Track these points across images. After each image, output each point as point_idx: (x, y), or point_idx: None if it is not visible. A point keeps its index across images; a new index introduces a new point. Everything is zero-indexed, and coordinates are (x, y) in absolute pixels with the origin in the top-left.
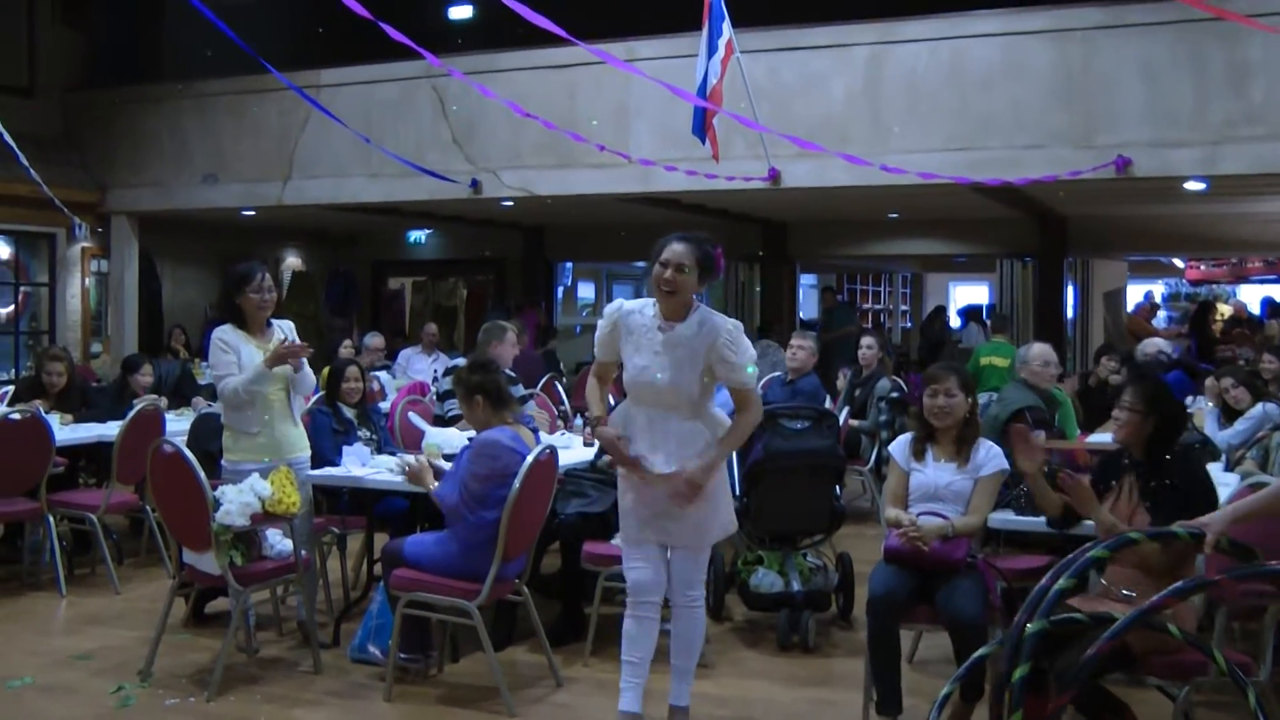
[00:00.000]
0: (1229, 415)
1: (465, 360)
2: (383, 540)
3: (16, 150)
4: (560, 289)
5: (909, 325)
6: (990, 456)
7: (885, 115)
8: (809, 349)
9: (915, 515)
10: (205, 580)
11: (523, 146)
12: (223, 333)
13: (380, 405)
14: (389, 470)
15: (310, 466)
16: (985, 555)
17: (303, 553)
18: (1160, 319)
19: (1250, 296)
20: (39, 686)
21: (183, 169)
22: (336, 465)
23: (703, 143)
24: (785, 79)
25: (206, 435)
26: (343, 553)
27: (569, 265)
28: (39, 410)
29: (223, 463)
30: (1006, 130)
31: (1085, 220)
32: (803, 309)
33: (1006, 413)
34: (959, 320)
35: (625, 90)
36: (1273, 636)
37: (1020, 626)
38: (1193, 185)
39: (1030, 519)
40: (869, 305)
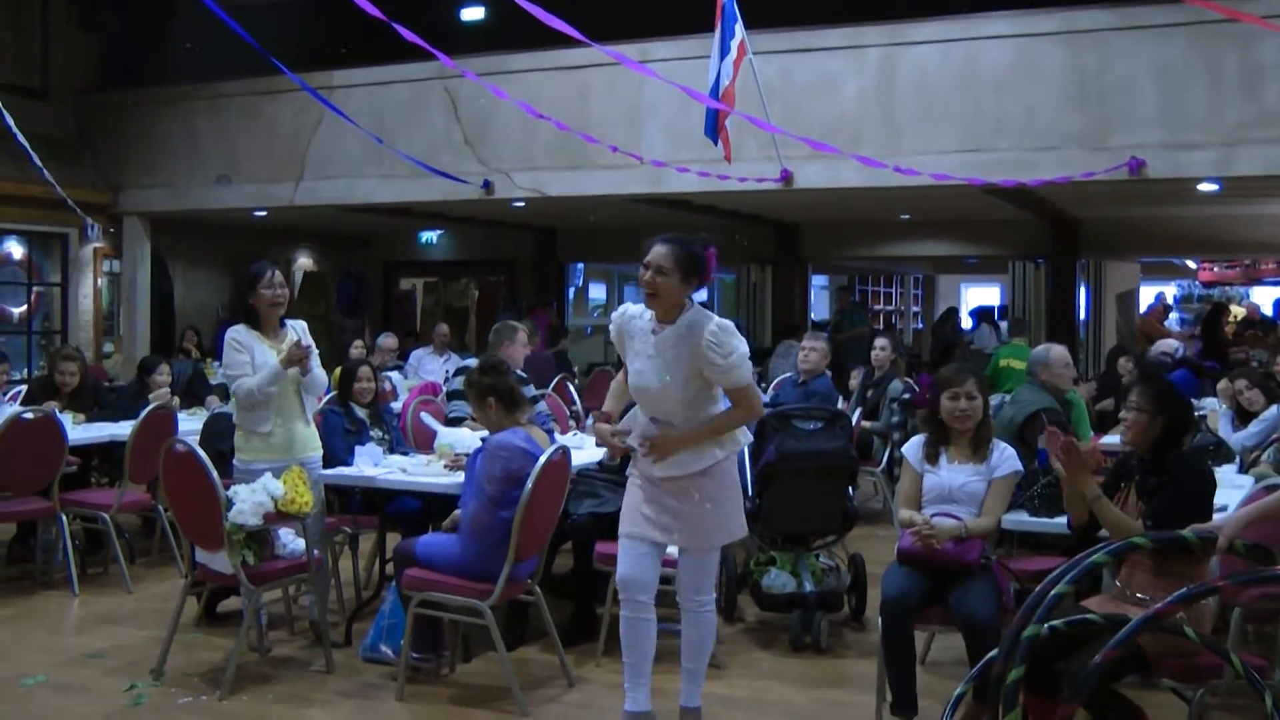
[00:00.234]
0: (1243, 417)
1: (477, 361)
2: (395, 540)
3: (30, 151)
4: (572, 290)
5: (920, 326)
6: (1004, 458)
7: (898, 117)
8: (821, 350)
9: (929, 516)
10: (218, 579)
11: (535, 148)
12: (236, 332)
13: (392, 405)
14: (401, 470)
15: (322, 466)
16: (999, 556)
17: (315, 552)
18: (1172, 320)
19: (1263, 298)
20: (52, 685)
21: (195, 170)
22: (349, 465)
23: (715, 144)
24: (798, 80)
25: (219, 435)
26: (355, 552)
27: (580, 266)
28: (52, 410)
29: (235, 462)
30: (1019, 132)
31: (1098, 222)
32: (814, 310)
33: (1023, 415)
34: (970, 321)
35: (638, 91)
36: None
37: (1017, 629)
38: (1206, 187)
39: (1044, 520)
40: (880, 306)
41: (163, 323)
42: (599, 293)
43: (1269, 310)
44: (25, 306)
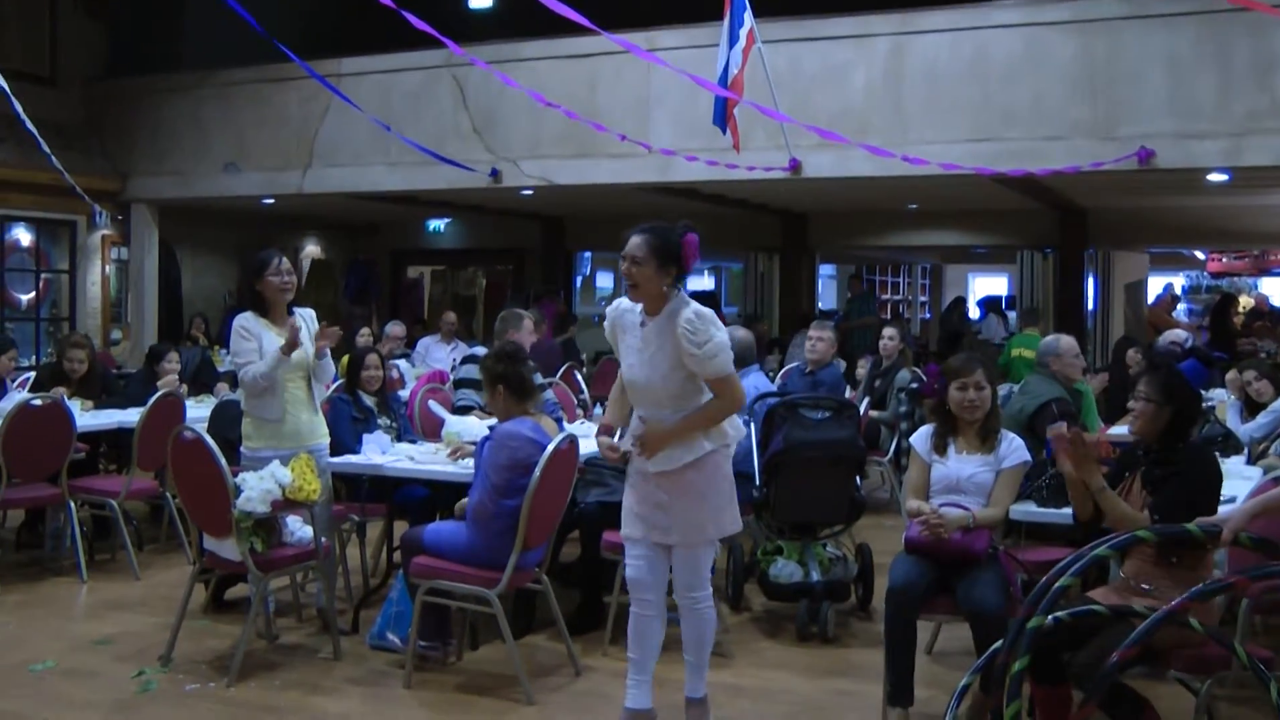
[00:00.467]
0: (1251, 408)
1: (483, 349)
2: (402, 528)
3: (39, 138)
4: (579, 278)
5: (928, 316)
6: (1012, 449)
7: (906, 106)
8: (828, 340)
9: (936, 507)
10: (225, 567)
11: (543, 136)
12: (244, 320)
13: (400, 393)
14: (409, 458)
15: (330, 454)
16: (1006, 547)
17: (323, 540)
18: (1181, 311)
19: (1272, 289)
20: (61, 670)
21: (203, 157)
22: (356, 453)
23: (723, 133)
24: (806, 69)
25: (227, 422)
26: (362, 540)
27: (588, 255)
28: (61, 397)
29: (242, 450)
30: (1028, 121)
31: (1106, 212)
32: (821, 299)
33: (1033, 405)
34: (978, 311)
35: (646, 80)
36: None
37: (1022, 620)
38: (1215, 177)
39: (1052, 511)
40: (888, 296)
41: (170, 310)
42: (606, 281)
43: (1278, 301)
44: (33, 293)
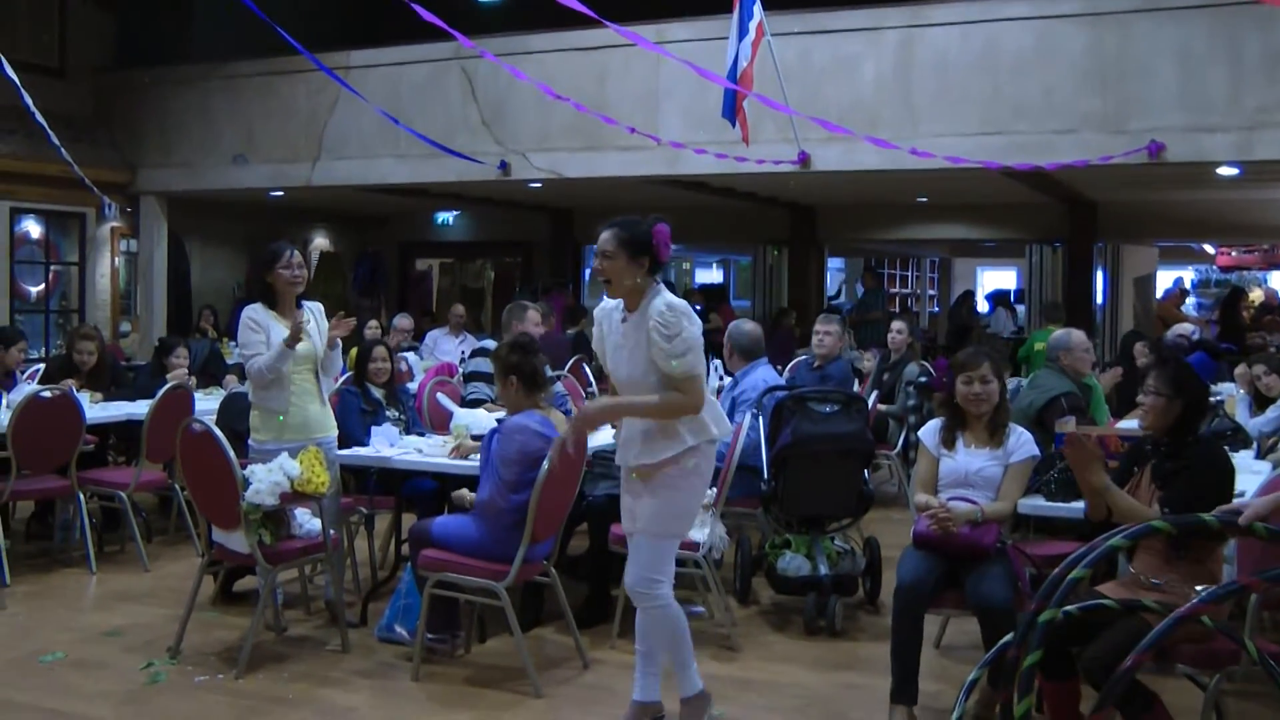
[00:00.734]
0: (1260, 403)
1: (492, 342)
2: (410, 520)
3: (48, 130)
4: (588, 271)
5: (937, 310)
6: (1021, 443)
7: (916, 99)
8: (835, 334)
9: (945, 501)
10: (234, 559)
11: (551, 128)
12: (253, 311)
13: (408, 386)
14: (417, 451)
15: (338, 446)
16: (1015, 541)
17: (331, 532)
18: (1190, 306)
19: None
20: (70, 662)
21: (212, 149)
22: (365, 445)
23: (733, 125)
24: (816, 62)
25: (235, 414)
26: (370, 532)
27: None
28: (70, 389)
29: (250, 442)
30: (1038, 115)
31: (1115, 205)
32: (842, 294)
33: (1043, 399)
34: (987, 305)
35: (655, 73)
36: None
37: (1034, 614)
38: (1226, 171)
39: (1060, 505)
40: (897, 290)
41: (179, 302)
42: None
43: None
44: (43, 285)
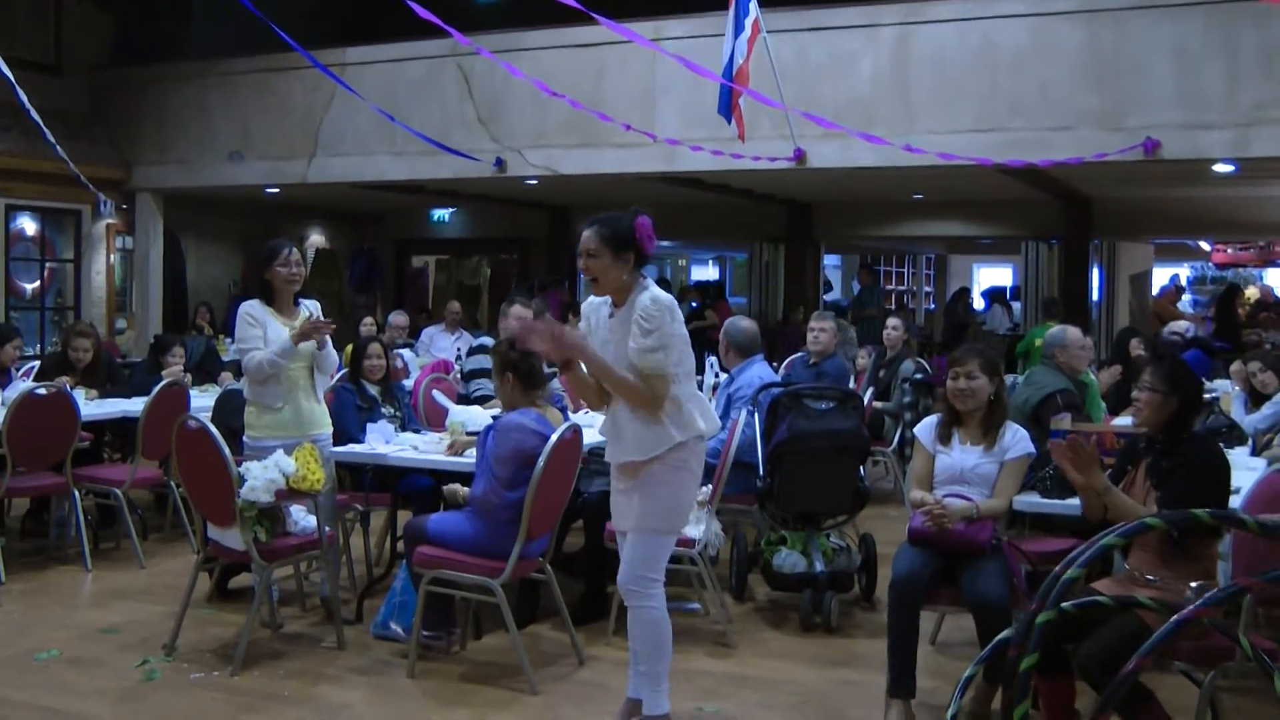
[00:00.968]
0: (1256, 400)
1: (490, 339)
2: (406, 517)
3: (44, 127)
4: None
5: (933, 307)
6: (1017, 440)
7: (913, 96)
8: (830, 330)
9: (940, 497)
10: (229, 556)
11: (548, 125)
12: (250, 307)
13: (404, 383)
14: (413, 448)
15: (333, 443)
16: (1010, 538)
17: (326, 529)
18: (1186, 303)
19: (1277, 280)
20: (66, 659)
21: (208, 146)
22: (360, 442)
23: (729, 123)
24: (813, 59)
25: (231, 411)
26: (366, 529)
27: None
28: (65, 386)
29: (245, 439)
30: (1035, 111)
31: (1111, 202)
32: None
33: (1038, 396)
34: (983, 302)
35: (651, 69)
36: None
37: (1032, 616)
38: (1222, 168)
39: (1055, 502)
40: (893, 286)
41: (175, 299)
42: None
43: None
44: (39, 283)
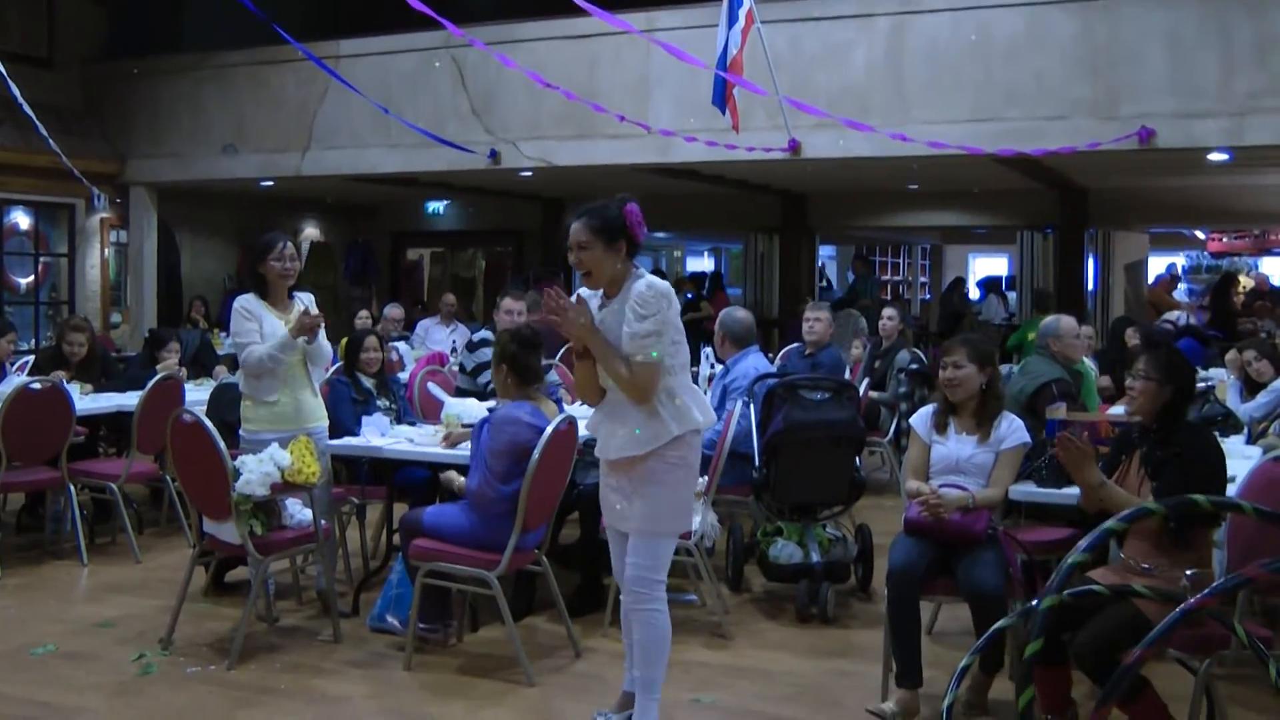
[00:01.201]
0: (1251, 388)
1: (488, 332)
2: (402, 510)
3: (36, 121)
4: None
5: (928, 297)
6: (1012, 430)
7: (907, 86)
8: (825, 320)
9: (936, 487)
10: (225, 549)
11: (542, 117)
12: (245, 301)
13: (399, 376)
14: (408, 440)
15: (328, 436)
16: (1006, 527)
17: (322, 522)
18: (1181, 291)
19: (1272, 269)
20: (62, 654)
21: (202, 140)
22: (356, 435)
23: (723, 113)
24: (807, 49)
25: (226, 405)
26: (362, 522)
27: None
28: (60, 380)
29: (241, 432)
30: (1029, 101)
31: (1106, 192)
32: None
33: (1034, 386)
34: (978, 292)
35: (646, 60)
36: None
37: (1037, 601)
38: (1216, 157)
39: (1052, 491)
40: (888, 277)
41: (170, 293)
42: None
43: (1278, 281)
44: (32, 277)
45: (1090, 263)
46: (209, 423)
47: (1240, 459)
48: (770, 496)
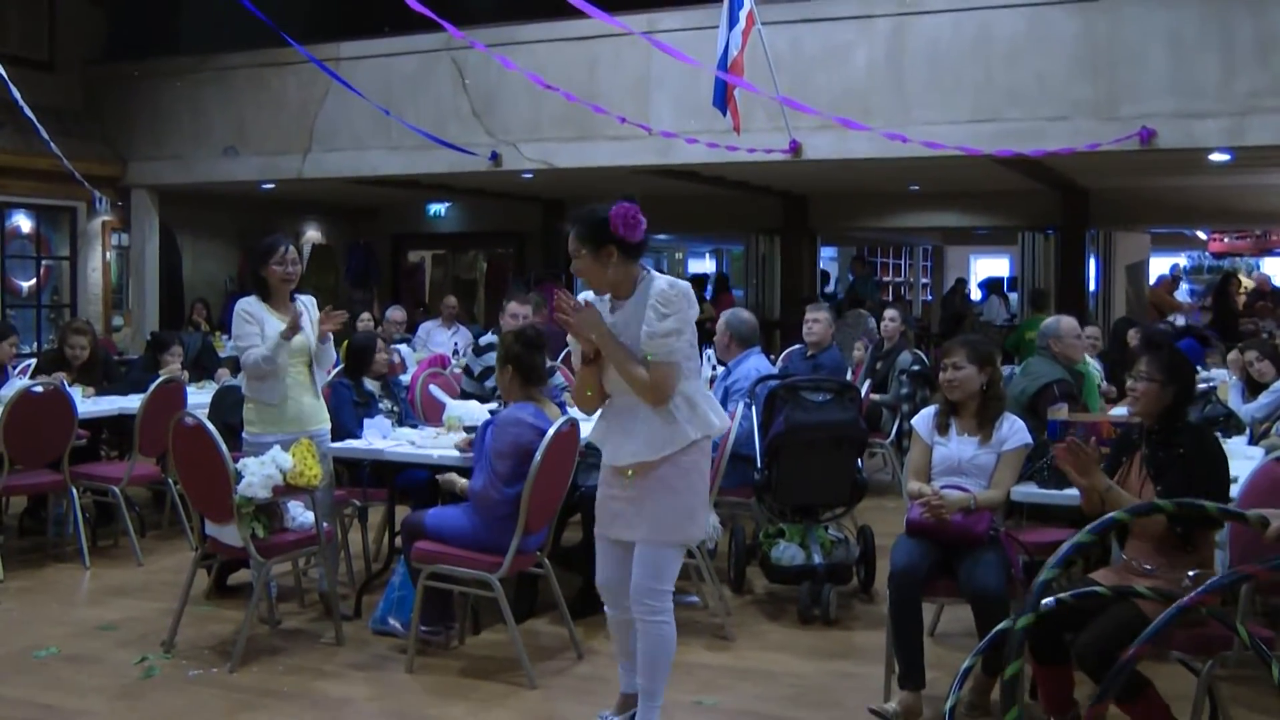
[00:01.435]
0: (1253, 389)
1: (493, 335)
2: (404, 512)
3: (38, 124)
4: None
5: (929, 298)
6: (1014, 431)
7: (908, 87)
8: (825, 321)
9: (937, 488)
10: (227, 552)
11: (543, 119)
12: (247, 304)
13: (401, 378)
14: (410, 443)
15: (330, 439)
16: (1008, 528)
17: (324, 525)
18: (1182, 292)
19: (1274, 269)
20: (64, 656)
21: (203, 142)
22: (358, 438)
23: (724, 115)
24: (807, 50)
25: (228, 407)
26: (364, 525)
27: None
28: (62, 383)
29: (243, 435)
30: (1031, 101)
31: (1108, 192)
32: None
33: (1035, 386)
34: (980, 293)
35: (646, 62)
36: None
37: (1043, 580)
38: (1217, 157)
39: (1053, 492)
40: (890, 278)
41: (171, 296)
42: None
43: (1279, 281)
44: (34, 280)
45: (1092, 263)
46: (211, 425)
47: (1242, 459)
48: (772, 498)
